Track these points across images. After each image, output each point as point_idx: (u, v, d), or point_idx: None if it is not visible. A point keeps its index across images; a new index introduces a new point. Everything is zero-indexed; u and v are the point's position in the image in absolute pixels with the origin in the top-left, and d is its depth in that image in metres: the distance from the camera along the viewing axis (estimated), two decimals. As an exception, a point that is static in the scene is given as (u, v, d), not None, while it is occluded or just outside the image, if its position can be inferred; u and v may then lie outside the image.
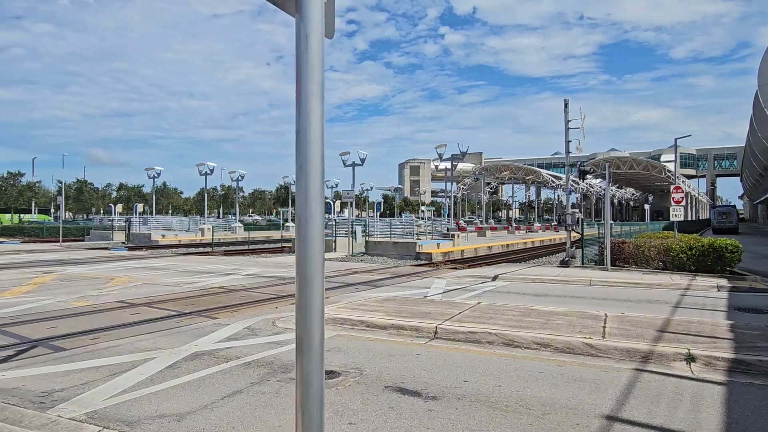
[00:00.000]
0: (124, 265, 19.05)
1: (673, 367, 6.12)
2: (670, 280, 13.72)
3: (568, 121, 17.93)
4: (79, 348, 7.04)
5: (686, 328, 7.64)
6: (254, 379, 5.60)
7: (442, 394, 5.15)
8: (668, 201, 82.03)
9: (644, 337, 7.02)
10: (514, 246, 31.55)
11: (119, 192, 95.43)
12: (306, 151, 1.84)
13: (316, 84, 1.87)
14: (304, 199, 1.82)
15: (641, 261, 16.69)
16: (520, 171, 72.33)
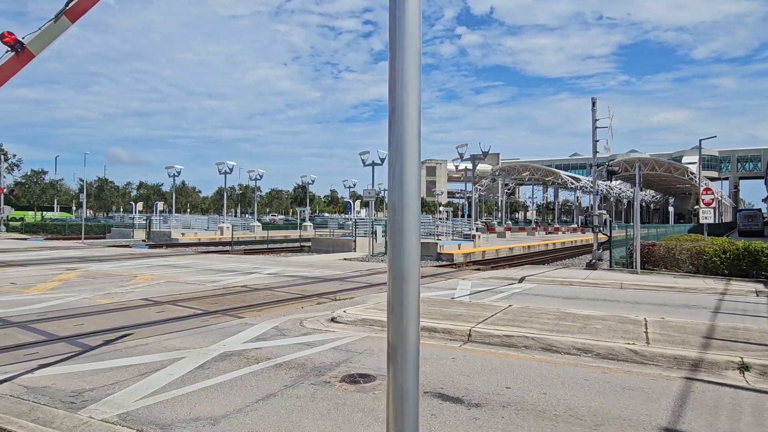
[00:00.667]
0: (146, 263, 19.09)
1: (725, 376, 5.79)
2: (704, 284, 13.27)
3: (596, 120, 17.51)
4: (106, 345, 6.93)
5: (733, 334, 7.28)
6: (287, 382, 5.41)
7: (485, 401, 4.90)
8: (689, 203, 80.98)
9: (690, 343, 6.69)
10: (535, 248, 31.08)
11: (139, 190, 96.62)
12: (402, 131, 1.60)
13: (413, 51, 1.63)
14: (399, 184, 1.59)
15: (672, 264, 16.22)
16: (538, 172, 71.54)
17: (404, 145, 1.60)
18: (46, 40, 5.39)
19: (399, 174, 1.61)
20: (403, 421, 1.71)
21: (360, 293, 11.96)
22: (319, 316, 8.91)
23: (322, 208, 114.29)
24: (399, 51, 1.62)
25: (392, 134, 1.61)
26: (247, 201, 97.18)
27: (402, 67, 1.60)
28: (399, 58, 1.61)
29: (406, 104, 1.60)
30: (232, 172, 40.59)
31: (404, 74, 1.60)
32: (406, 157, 1.59)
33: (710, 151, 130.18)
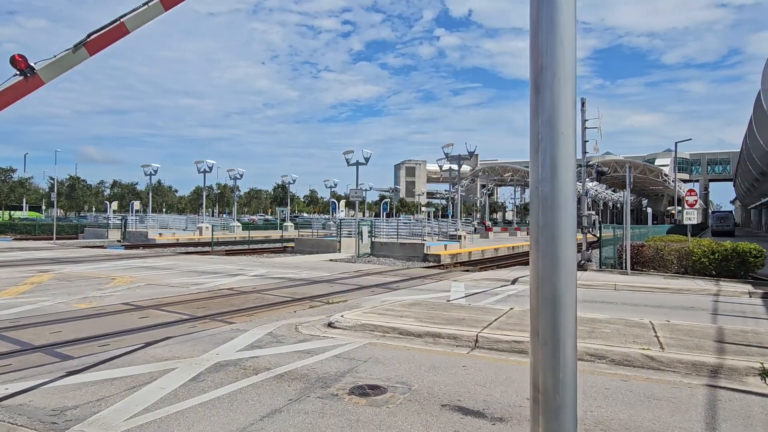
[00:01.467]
0: (124, 264, 18.33)
1: (747, 383, 5.56)
2: (695, 285, 13.23)
3: (585, 121, 17.42)
4: (88, 356, 6.39)
5: (744, 338, 7.10)
6: (292, 396, 4.98)
7: (509, 415, 4.55)
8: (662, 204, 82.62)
9: (705, 348, 6.47)
10: (519, 248, 31.03)
11: (113, 189, 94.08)
12: (555, 98, 1.21)
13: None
14: (551, 171, 1.20)
15: (660, 265, 16.21)
16: (518, 173, 71.96)
17: (558, 117, 1.20)
18: (59, 69, 4.99)
19: (551, 157, 1.21)
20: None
21: (352, 296, 11.54)
22: (315, 321, 8.48)
23: (301, 208, 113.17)
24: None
25: (540, 102, 1.21)
26: (225, 201, 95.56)
27: (553, 7, 1.21)
28: (548, 6, 1.21)
29: (561, 59, 1.19)
30: (211, 171, 39.71)
31: (557, 18, 1.20)
32: (561, 134, 1.19)
33: (682, 154, 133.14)
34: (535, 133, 1.24)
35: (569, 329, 1.32)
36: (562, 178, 1.20)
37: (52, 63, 4.93)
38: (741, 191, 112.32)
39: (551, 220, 1.26)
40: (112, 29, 5.26)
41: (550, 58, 1.21)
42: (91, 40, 5.11)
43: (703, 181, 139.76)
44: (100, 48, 5.20)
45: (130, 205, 50.92)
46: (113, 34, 5.24)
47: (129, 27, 5.33)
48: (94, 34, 5.11)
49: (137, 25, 5.49)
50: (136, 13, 5.47)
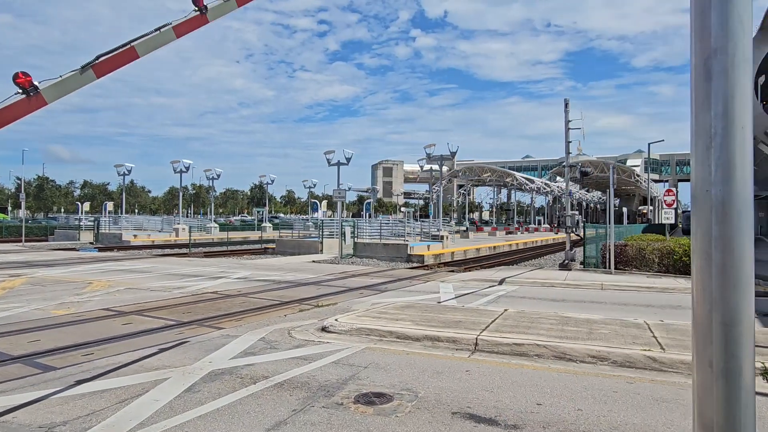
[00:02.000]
0: (100, 268, 17.72)
1: (751, 383, 5.55)
2: (678, 284, 13.39)
3: (569, 122, 17.53)
4: (72, 366, 6.04)
5: (739, 337, 7.14)
6: (295, 406, 4.76)
7: (522, 422, 4.42)
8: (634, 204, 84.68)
9: (704, 348, 6.46)
10: (500, 248, 31.21)
11: (83, 190, 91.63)
12: (730, 84, 1.03)
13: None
14: (727, 170, 1.01)
15: (642, 264, 16.41)
16: (495, 173, 72.47)
17: (735, 108, 1.02)
18: (63, 90, 4.75)
19: (726, 156, 1.03)
20: None
21: (341, 298, 11.32)
22: (307, 325, 8.24)
23: (278, 209, 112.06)
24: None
25: (712, 92, 1.03)
26: (201, 201, 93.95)
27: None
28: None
29: (739, 39, 1.02)
30: (188, 171, 38.88)
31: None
32: (740, 128, 1.01)
33: (652, 155, 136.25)
34: (706, 128, 1.07)
35: (749, 358, 1.16)
36: (739, 181, 1.03)
37: (57, 83, 4.69)
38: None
39: (728, 230, 1.09)
40: (122, 53, 5.06)
41: (725, 38, 1.04)
42: (99, 62, 4.90)
43: (672, 181, 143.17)
44: (108, 71, 5.02)
45: (103, 206, 49.56)
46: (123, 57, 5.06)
47: (139, 52, 5.15)
48: (103, 57, 4.93)
49: (148, 50, 5.32)
50: (147, 38, 5.28)
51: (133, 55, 5.16)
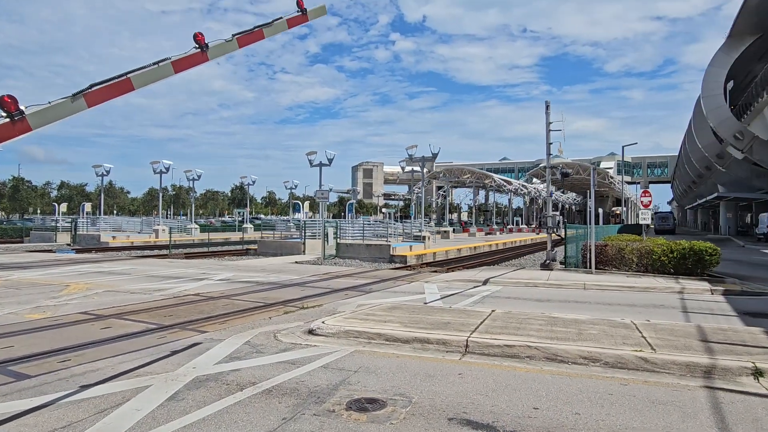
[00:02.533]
0: (77, 270, 17.10)
1: (742, 383, 5.48)
2: (658, 283, 13.45)
3: (549, 123, 17.53)
4: (47, 374, 5.68)
5: (725, 336, 7.11)
6: (285, 414, 4.50)
7: (521, 428, 4.24)
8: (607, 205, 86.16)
9: (693, 348, 6.40)
10: (481, 248, 31.21)
11: (60, 191, 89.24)
12: None
13: None
14: None
15: (622, 264, 16.48)
16: (474, 175, 72.81)
17: None
18: (51, 117, 4.43)
19: None
20: None
21: (326, 300, 11.05)
22: (293, 328, 7.97)
23: (259, 210, 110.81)
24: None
25: None
26: (180, 202, 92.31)
27: None
28: None
29: None
30: (168, 172, 38.04)
31: None
32: None
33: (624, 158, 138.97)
34: None
35: None
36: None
37: (46, 109, 4.37)
38: (678, 193, 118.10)
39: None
40: (117, 83, 4.78)
41: None
42: (92, 91, 4.59)
43: (643, 182, 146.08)
44: (101, 101, 4.72)
45: (81, 207, 48.21)
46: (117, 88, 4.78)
47: (135, 84, 4.88)
48: (96, 86, 4.65)
49: (144, 83, 5.04)
50: (144, 71, 5.01)
51: (128, 87, 4.90)
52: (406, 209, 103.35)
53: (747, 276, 16.44)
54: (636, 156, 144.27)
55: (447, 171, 68.99)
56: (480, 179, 68.25)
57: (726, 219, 62.01)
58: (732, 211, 62.25)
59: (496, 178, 76.50)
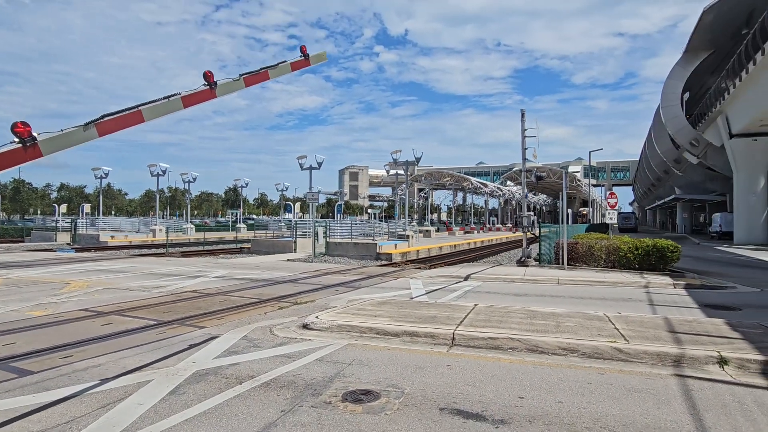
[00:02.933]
0: (77, 268, 16.66)
1: (709, 371, 5.51)
2: (625, 278, 13.58)
3: (524, 130, 17.61)
4: (50, 370, 5.46)
5: (691, 327, 7.16)
6: (284, 406, 4.38)
7: (509, 417, 4.19)
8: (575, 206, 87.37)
9: (663, 339, 6.42)
10: (461, 246, 31.26)
11: (60, 192, 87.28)
12: None
13: None
14: None
15: (591, 260, 16.61)
16: (453, 178, 73.03)
17: None
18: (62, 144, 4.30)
19: None
20: None
21: (318, 295, 10.91)
22: (288, 323, 7.82)
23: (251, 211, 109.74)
24: None
25: None
26: (176, 203, 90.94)
27: None
28: None
29: None
30: (165, 174, 37.37)
31: None
32: None
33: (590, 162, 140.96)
34: None
35: None
36: None
37: (57, 137, 4.23)
38: (639, 194, 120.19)
39: None
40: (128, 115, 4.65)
41: None
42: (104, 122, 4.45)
43: (607, 185, 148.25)
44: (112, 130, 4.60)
45: (81, 208, 47.13)
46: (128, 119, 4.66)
47: (146, 116, 4.77)
48: (108, 116, 4.52)
49: (155, 115, 4.94)
50: (155, 105, 4.90)
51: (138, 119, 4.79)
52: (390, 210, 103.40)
53: (704, 271, 16.72)
54: (601, 161, 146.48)
55: (428, 174, 69.12)
56: (459, 182, 68.51)
57: (682, 219, 63.21)
58: (688, 211, 63.49)
59: (473, 180, 76.83)
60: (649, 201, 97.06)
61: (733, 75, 32.73)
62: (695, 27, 37.24)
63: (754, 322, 7.57)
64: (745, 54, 29.84)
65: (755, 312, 9.26)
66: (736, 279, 14.49)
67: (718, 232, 42.50)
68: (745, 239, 34.83)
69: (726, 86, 34.78)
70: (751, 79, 30.00)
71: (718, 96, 37.10)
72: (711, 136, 39.75)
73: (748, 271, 17.74)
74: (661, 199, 68.96)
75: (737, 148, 35.31)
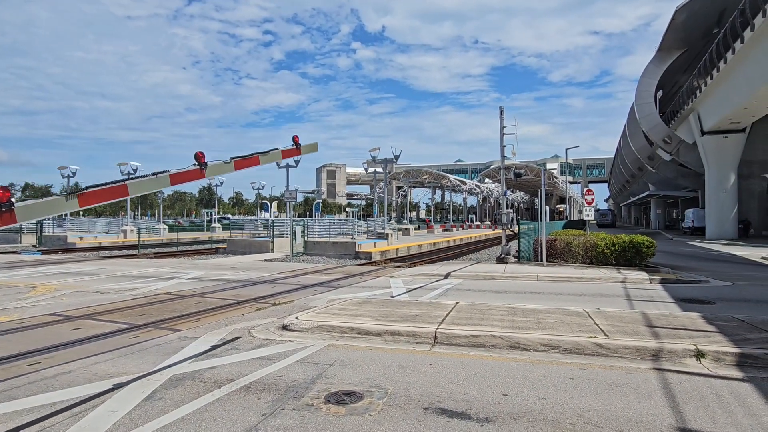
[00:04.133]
0: (44, 271, 16.15)
1: (686, 364, 5.65)
2: (602, 274, 13.85)
3: (503, 128, 17.79)
4: (17, 378, 5.26)
5: (668, 322, 7.34)
6: (265, 410, 4.32)
7: (493, 415, 4.21)
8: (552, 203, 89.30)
9: (641, 333, 6.56)
10: (440, 244, 31.43)
11: (24, 192, 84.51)
12: None
13: None
14: None
15: (569, 257, 16.90)
16: (430, 176, 73.49)
17: None
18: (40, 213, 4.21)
19: None
20: None
21: (297, 296, 10.81)
22: (267, 324, 7.73)
23: (226, 210, 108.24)
24: None
25: None
26: (148, 203, 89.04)
27: None
28: None
29: None
30: (136, 173, 36.44)
31: None
32: None
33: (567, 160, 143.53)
34: None
35: None
36: None
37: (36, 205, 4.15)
38: (614, 191, 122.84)
39: None
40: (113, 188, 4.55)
41: None
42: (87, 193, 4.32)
43: (583, 182, 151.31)
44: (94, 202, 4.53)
45: (46, 209, 45.64)
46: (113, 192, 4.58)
47: (131, 191, 4.72)
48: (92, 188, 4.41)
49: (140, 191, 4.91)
50: (142, 180, 4.82)
51: (123, 192, 4.73)
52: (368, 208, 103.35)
53: (678, 266, 17.19)
54: (577, 158, 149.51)
55: (407, 172, 69.33)
56: (437, 180, 68.91)
57: (656, 214, 64.92)
58: (661, 207, 65.24)
59: (451, 178, 77.44)
60: (624, 197, 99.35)
61: (704, 73, 33.73)
62: (668, 26, 38.26)
63: (728, 315, 7.81)
64: (716, 53, 30.79)
65: (728, 305, 9.56)
66: (708, 273, 14.94)
67: (690, 227, 43.78)
68: (716, 234, 35.98)
69: (698, 84, 35.83)
70: (722, 77, 30.97)
71: (690, 94, 38.20)
72: (683, 133, 40.91)
73: (720, 265, 18.32)
74: (635, 196, 70.70)
75: (708, 145, 36.43)
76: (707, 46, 35.19)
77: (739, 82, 29.02)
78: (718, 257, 22.14)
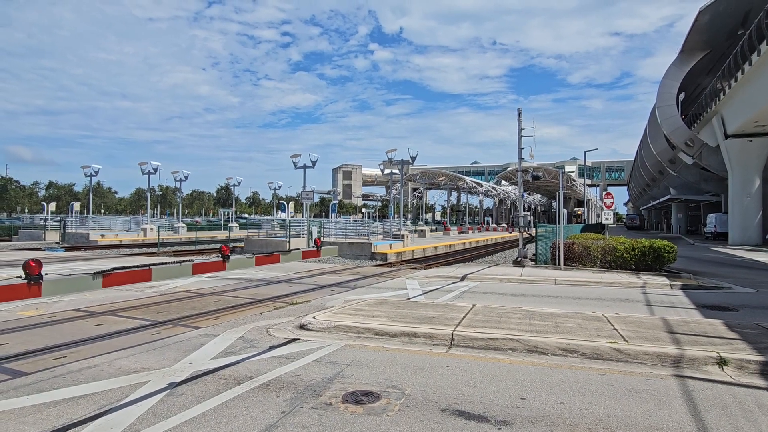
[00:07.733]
0: (67, 267, 16.52)
1: (709, 371, 5.56)
2: (622, 279, 13.68)
3: (521, 129, 17.68)
4: (44, 371, 5.42)
5: (689, 328, 7.23)
6: (284, 408, 4.37)
7: (511, 418, 4.21)
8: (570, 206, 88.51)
9: (662, 340, 6.48)
10: (456, 246, 31.32)
11: (48, 190, 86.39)
12: None
13: None
14: None
15: (588, 261, 16.71)
16: (446, 177, 73.23)
17: None
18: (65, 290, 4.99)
19: None
20: None
21: (314, 295, 10.90)
22: (285, 323, 7.81)
23: (243, 210, 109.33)
24: None
25: None
26: (167, 202, 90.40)
27: None
28: None
29: None
30: (156, 173, 37.12)
31: None
32: None
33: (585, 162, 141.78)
34: None
35: None
36: None
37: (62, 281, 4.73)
38: (633, 194, 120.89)
39: None
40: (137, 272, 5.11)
41: None
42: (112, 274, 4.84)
43: (602, 185, 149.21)
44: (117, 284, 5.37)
45: (70, 206, 46.72)
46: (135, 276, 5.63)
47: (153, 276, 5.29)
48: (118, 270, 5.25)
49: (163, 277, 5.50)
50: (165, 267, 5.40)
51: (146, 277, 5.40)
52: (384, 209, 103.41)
53: (700, 271, 16.87)
54: (596, 161, 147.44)
55: (422, 173, 69.21)
56: (453, 181, 68.64)
57: (677, 219, 63.76)
58: (682, 211, 64.04)
59: (468, 180, 77.04)
60: (644, 201, 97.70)
61: (728, 75, 33.05)
62: (691, 27, 37.58)
63: (751, 323, 7.66)
64: (741, 54, 30.15)
65: (752, 312, 9.36)
66: (731, 279, 14.64)
67: (713, 232, 42.89)
68: (739, 240, 35.19)
69: (721, 86, 35.12)
70: (747, 79, 30.31)
71: (713, 96, 37.45)
72: (706, 136, 40.12)
73: (743, 271, 17.93)
74: (656, 200, 69.51)
75: (732, 148, 35.67)
76: (731, 47, 34.48)
77: (764, 84, 28.37)
78: (742, 263, 21.66)
